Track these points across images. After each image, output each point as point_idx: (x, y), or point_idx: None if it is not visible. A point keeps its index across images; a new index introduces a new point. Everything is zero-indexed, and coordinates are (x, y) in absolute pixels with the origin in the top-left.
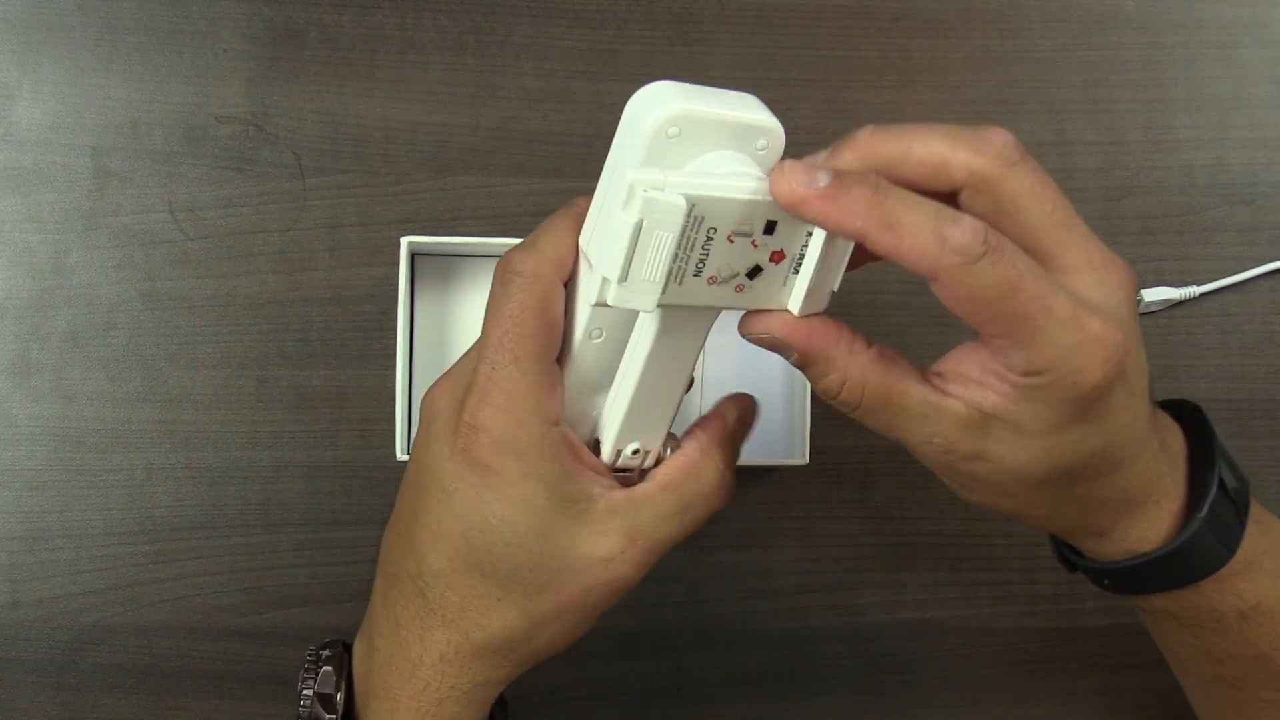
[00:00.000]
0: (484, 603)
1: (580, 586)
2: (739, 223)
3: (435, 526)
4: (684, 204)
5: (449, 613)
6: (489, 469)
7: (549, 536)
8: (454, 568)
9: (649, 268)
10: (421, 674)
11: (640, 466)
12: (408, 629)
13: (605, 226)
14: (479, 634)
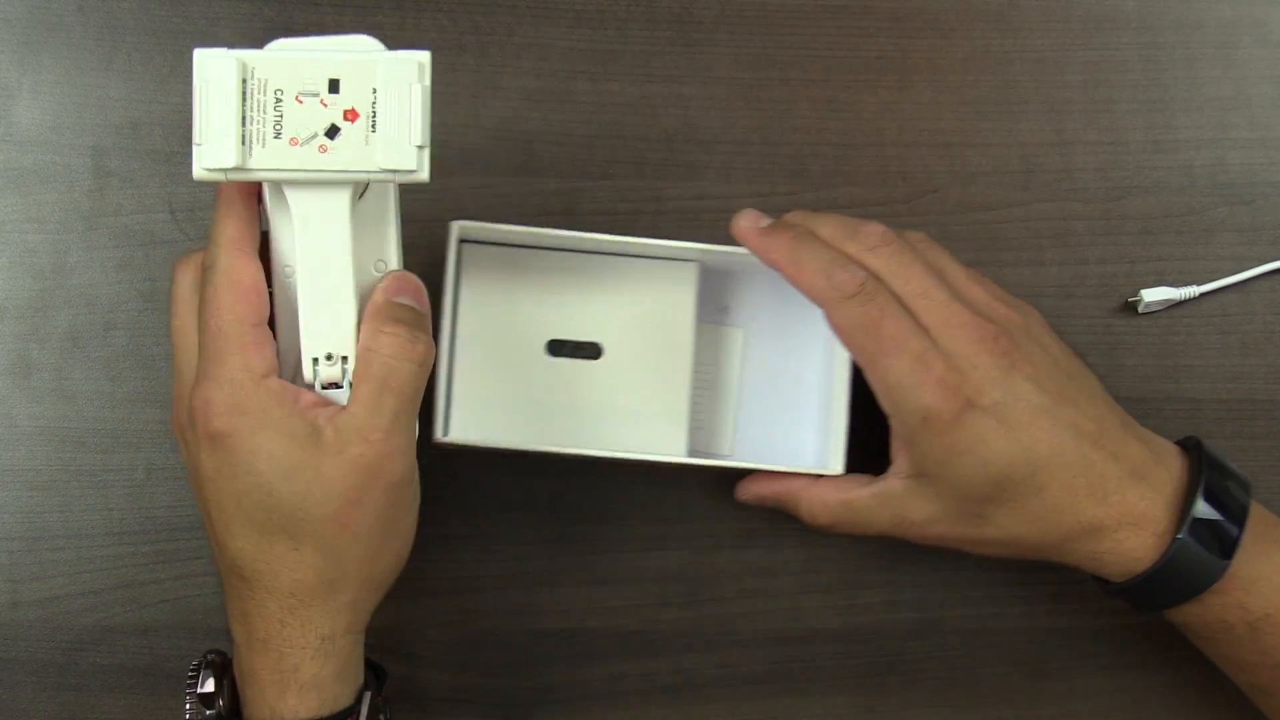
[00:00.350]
0: (288, 557)
1: (351, 502)
2: (302, 82)
3: (219, 514)
4: (232, 59)
5: (267, 580)
6: (226, 434)
7: (299, 471)
8: (249, 540)
9: (219, 123)
10: (272, 647)
11: (346, 378)
12: (250, 614)
13: None
14: (300, 588)
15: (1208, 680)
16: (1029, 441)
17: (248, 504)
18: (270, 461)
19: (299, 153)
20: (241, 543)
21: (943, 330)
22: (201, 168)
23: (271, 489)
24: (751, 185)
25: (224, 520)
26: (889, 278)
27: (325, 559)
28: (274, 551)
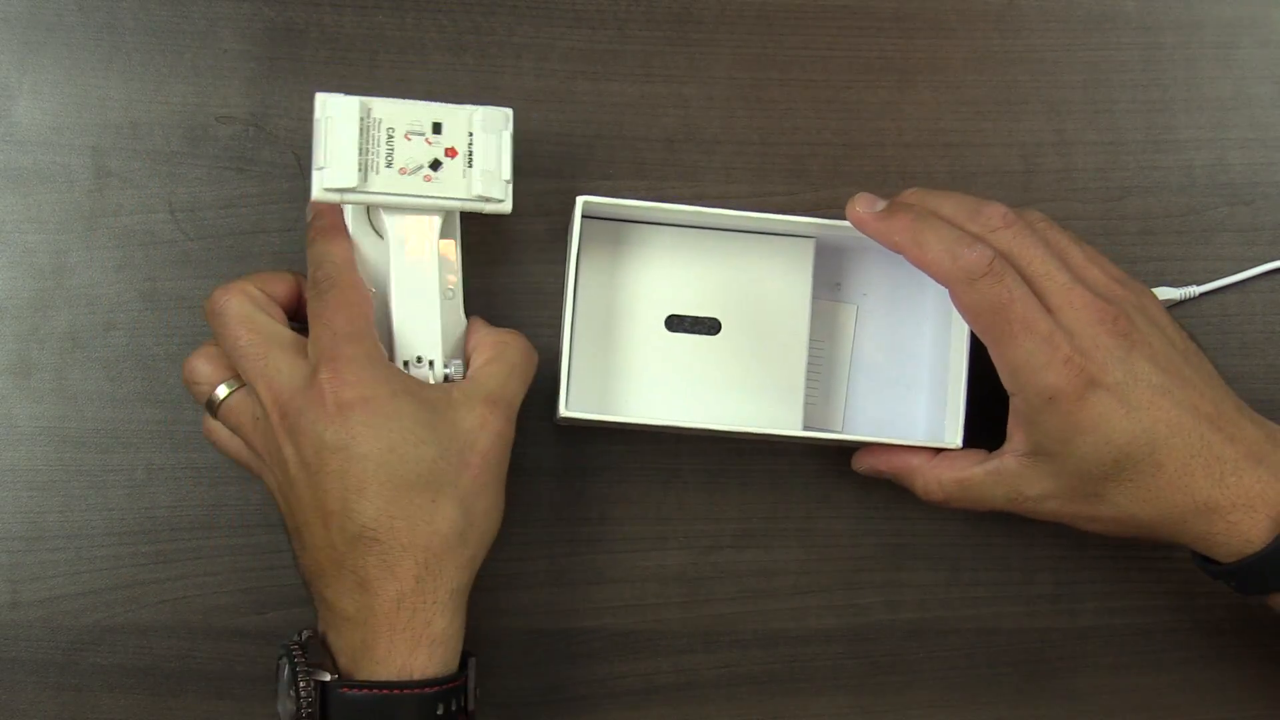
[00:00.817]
0: (425, 511)
1: (479, 454)
2: (411, 123)
3: (350, 482)
4: (356, 100)
5: (403, 539)
6: (366, 400)
7: (437, 427)
8: (386, 499)
9: (341, 151)
10: (406, 604)
11: (433, 379)
12: (377, 578)
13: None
14: (436, 540)
15: (1208, 680)
16: (1149, 421)
17: (390, 460)
18: (411, 419)
19: (407, 180)
20: (379, 503)
21: (1066, 311)
22: (322, 188)
23: (415, 440)
24: (751, 185)
25: (356, 486)
26: (1012, 259)
27: (459, 510)
28: (413, 505)
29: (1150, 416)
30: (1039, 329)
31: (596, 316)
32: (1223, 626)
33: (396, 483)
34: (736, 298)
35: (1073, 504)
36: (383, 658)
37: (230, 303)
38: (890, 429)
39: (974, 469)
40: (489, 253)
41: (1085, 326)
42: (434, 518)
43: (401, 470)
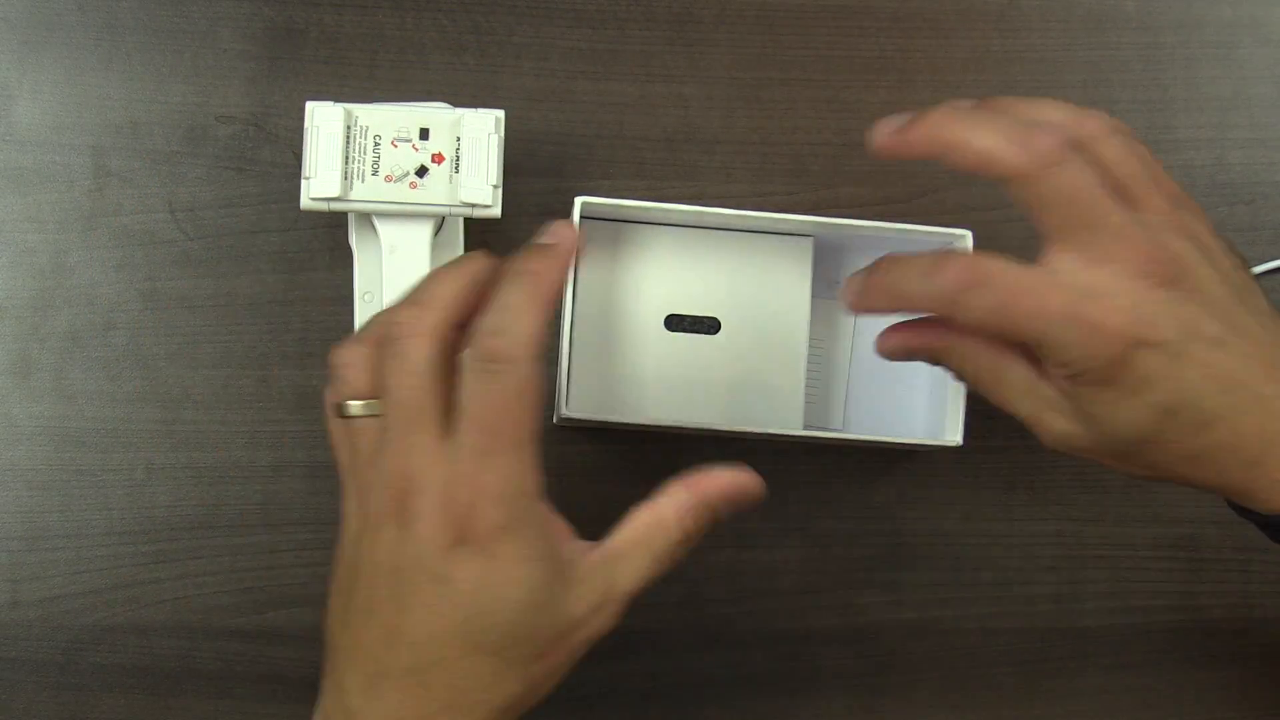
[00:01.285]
0: (487, 679)
1: (568, 647)
2: (397, 129)
3: (431, 618)
4: (340, 109)
5: (452, 695)
6: (492, 555)
7: (544, 608)
8: (456, 654)
9: (326, 160)
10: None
11: None
12: (400, 712)
13: None
14: (483, 709)
15: (1208, 680)
16: (1199, 379)
17: (479, 623)
18: (528, 588)
19: (393, 188)
20: (445, 653)
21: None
22: (309, 197)
23: (514, 618)
24: (751, 185)
25: (434, 626)
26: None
27: (521, 687)
28: (476, 670)
29: (1201, 374)
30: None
31: (596, 317)
32: (1223, 626)
33: (471, 643)
34: (736, 297)
35: (1105, 458)
36: None
37: (419, 348)
38: (890, 428)
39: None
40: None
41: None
42: (491, 688)
43: (481, 637)
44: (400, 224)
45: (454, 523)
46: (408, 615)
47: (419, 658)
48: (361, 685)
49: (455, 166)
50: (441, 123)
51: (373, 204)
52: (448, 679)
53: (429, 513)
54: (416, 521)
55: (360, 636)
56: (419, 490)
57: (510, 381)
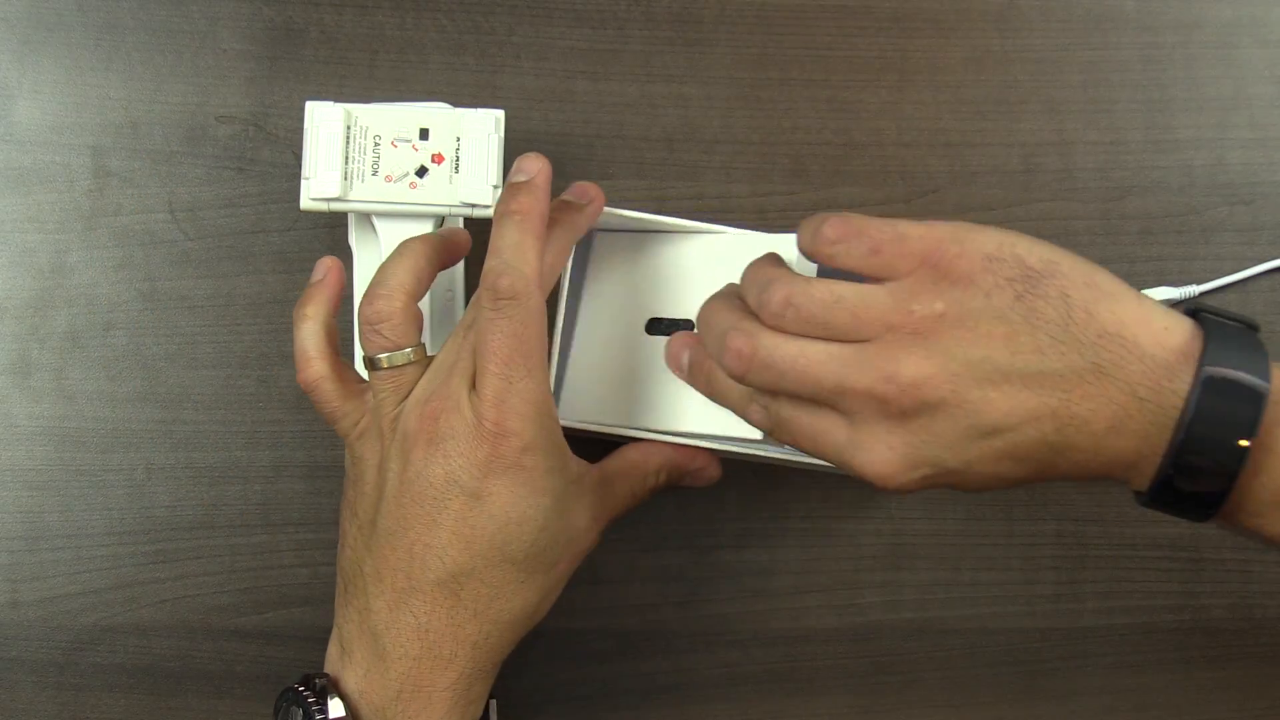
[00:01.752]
0: (511, 587)
1: (571, 557)
2: (397, 130)
3: (465, 530)
4: (340, 109)
5: (480, 604)
6: (522, 468)
7: (563, 517)
8: (486, 563)
9: (326, 161)
10: (457, 664)
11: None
12: (436, 630)
13: None
14: (505, 615)
15: (1208, 680)
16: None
17: (512, 532)
18: (550, 497)
19: (392, 188)
20: (477, 563)
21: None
22: (309, 198)
23: (542, 525)
24: (751, 185)
25: (467, 538)
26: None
27: (538, 595)
28: (503, 579)
29: (997, 414)
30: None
31: (585, 325)
32: (1223, 626)
33: (503, 554)
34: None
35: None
36: (418, 712)
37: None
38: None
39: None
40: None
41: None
42: (514, 596)
43: (515, 544)
44: (400, 224)
45: (485, 440)
46: (440, 530)
47: (450, 569)
48: (389, 603)
49: (455, 166)
50: (441, 123)
51: (373, 204)
52: (476, 588)
53: (461, 433)
54: (447, 440)
55: (387, 558)
56: (449, 412)
57: (520, 314)
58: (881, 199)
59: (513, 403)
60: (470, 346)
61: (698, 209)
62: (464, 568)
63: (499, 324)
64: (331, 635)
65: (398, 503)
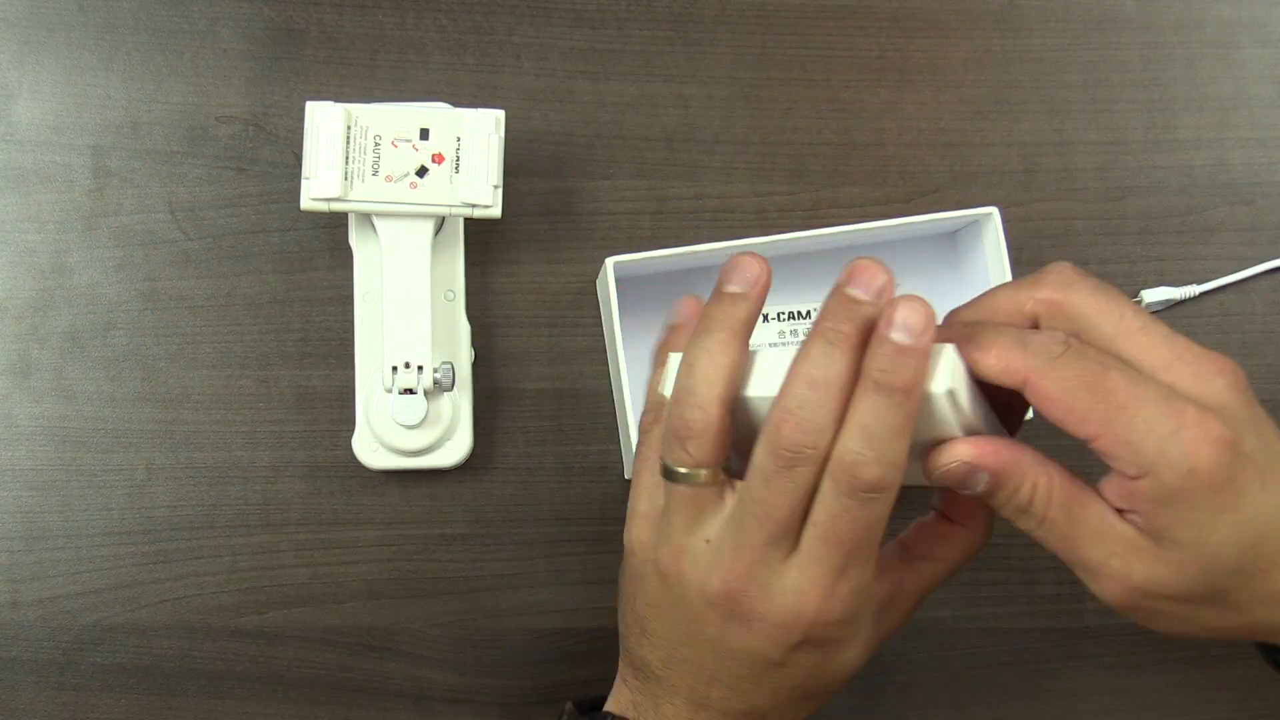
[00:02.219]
0: (803, 713)
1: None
2: (397, 130)
3: (765, 685)
4: (340, 109)
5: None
6: (835, 640)
7: (873, 646)
8: (789, 702)
9: (326, 161)
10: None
11: (421, 385)
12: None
13: None
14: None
15: (1208, 680)
16: (1277, 504)
17: (812, 688)
18: (854, 667)
19: (393, 188)
20: (777, 702)
21: (1180, 368)
22: (309, 198)
23: (847, 677)
24: (751, 185)
25: (767, 690)
26: (1098, 314)
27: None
28: (801, 709)
29: (1277, 500)
30: (1150, 394)
31: (641, 371)
32: None
33: (807, 693)
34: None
35: (1183, 605)
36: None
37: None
38: None
39: (1095, 500)
40: (489, 253)
41: (1206, 383)
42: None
43: (819, 687)
44: (400, 224)
45: (800, 631)
46: (744, 687)
47: (750, 707)
48: (686, 712)
49: (455, 166)
50: (442, 123)
51: (373, 204)
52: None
53: (769, 617)
54: (751, 621)
55: (684, 678)
56: (755, 597)
57: (881, 510)
58: (882, 199)
59: (841, 593)
60: (791, 512)
61: (698, 209)
62: (768, 707)
63: (859, 515)
64: (620, 680)
65: (691, 645)
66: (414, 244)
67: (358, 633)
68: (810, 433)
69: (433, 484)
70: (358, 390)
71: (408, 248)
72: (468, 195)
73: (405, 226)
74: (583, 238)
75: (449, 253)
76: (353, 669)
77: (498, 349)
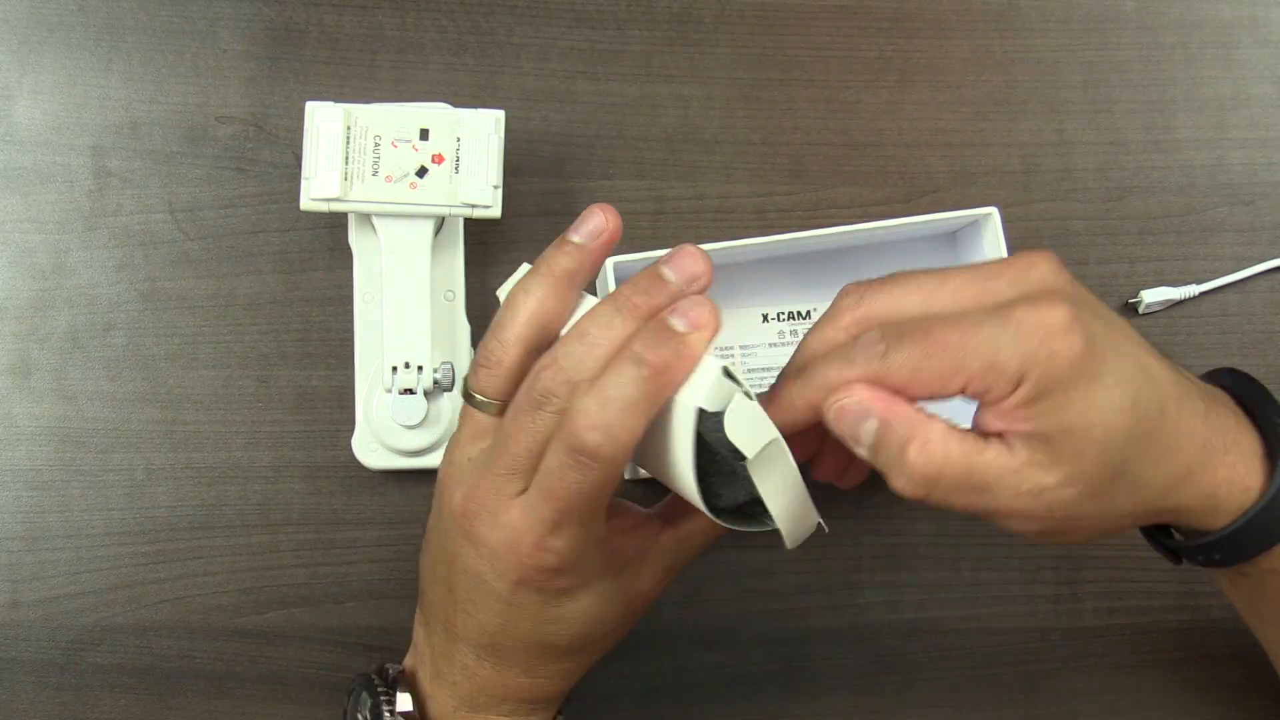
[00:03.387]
0: (556, 662)
1: (632, 614)
2: (397, 130)
3: (499, 620)
4: (340, 109)
5: (525, 666)
6: (555, 588)
7: (612, 599)
8: (526, 647)
9: (326, 161)
10: (509, 701)
11: (421, 385)
12: (483, 677)
13: None
14: (557, 673)
15: (1208, 680)
16: (1138, 362)
17: (546, 632)
18: (586, 603)
19: (392, 188)
20: (515, 644)
21: (993, 288)
22: (309, 198)
23: (580, 625)
24: (751, 185)
25: (501, 626)
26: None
27: (587, 663)
28: (547, 657)
29: (1135, 358)
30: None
31: None
32: (1223, 626)
33: (545, 644)
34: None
35: (1094, 500)
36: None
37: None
38: None
39: (986, 453)
40: (489, 253)
41: (1023, 278)
42: (560, 673)
43: (555, 639)
44: (400, 224)
45: (515, 568)
46: (478, 609)
47: (489, 640)
48: (442, 639)
49: (455, 167)
50: (441, 123)
51: (373, 204)
52: (520, 658)
53: (492, 544)
54: (479, 545)
55: (438, 602)
56: (485, 522)
57: (596, 477)
58: (881, 199)
59: (555, 545)
60: (526, 452)
61: (697, 209)
62: (503, 644)
63: (571, 478)
64: (415, 622)
65: (445, 561)
66: (414, 244)
67: (358, 633)
68: (562, 384)
69: (432, 484)
70: (357, 390)
71: (407, 248)
72: (467, 195)
73: (405, 227)
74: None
75: (449, 253)
76: (353, 669)
77: None
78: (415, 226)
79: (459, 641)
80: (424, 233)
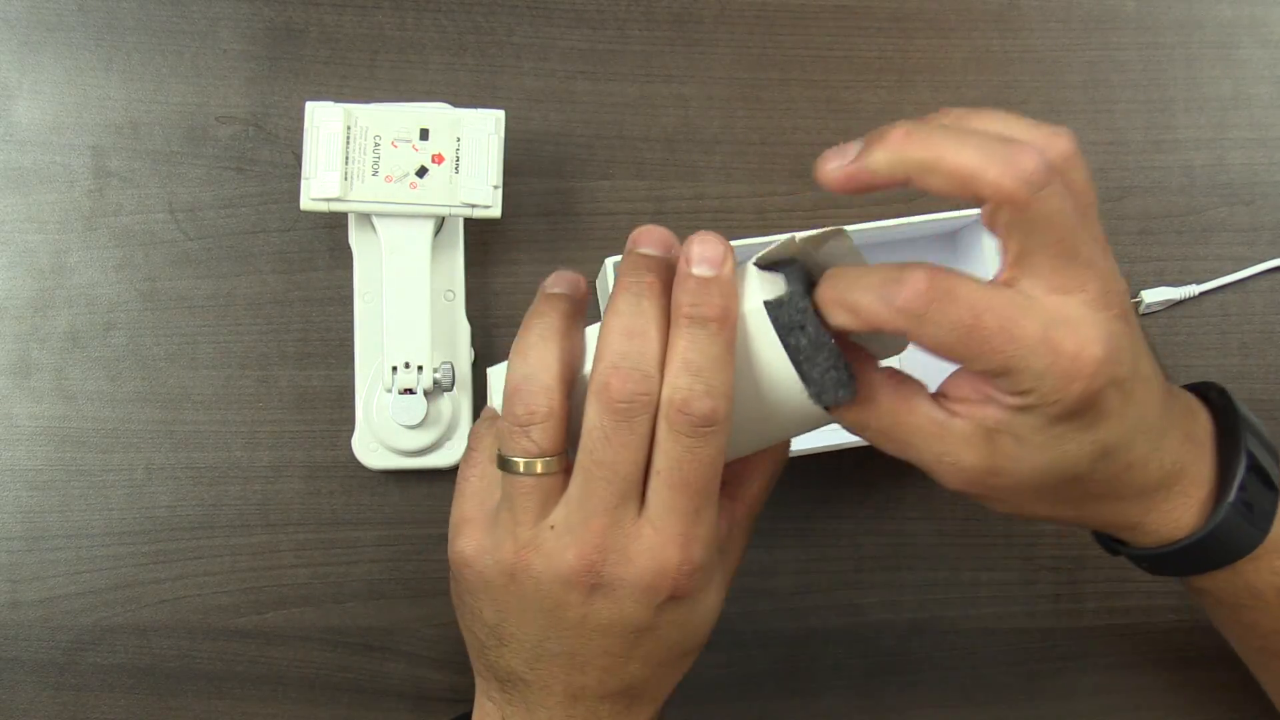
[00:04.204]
0: (677, 675)
1: (704, 640)
2: (397, 130)
3: (639, 653)
4: (340, 109)
5: (653, 691)
6: (699, 590)
7: (726, 584)
8: (664, 665)
9: (326, 161)
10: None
11: (421, 385)
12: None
13: None
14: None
15: (1207, 680)
16: (1136, 417)
17: (686, 641)
18: (715, 599)
19: (392, 188)
20: (655, 671)
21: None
22: (309, 198)
23: (712, 623)
24: (751, 185)
25: (641, 658)
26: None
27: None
28: (680, 666)
29: (1139, 413)
30: (1028, 326)
31: None
32: None
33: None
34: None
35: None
36: None
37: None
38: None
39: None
40: (489, 253)
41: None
42: (661, 686)
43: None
44: (400, 224)
45: (668, 586)
46: (612, 657)
47: (629, 682)
48: (563, 705)
49: (455, 167)
50: (441, 123)
51: (373, 204)
52: (653, 685)
53: (632, 581)
54: (615, 589)
55: (556, 675)
56: (613, 564)
57: (719, 443)
58: (882, 199)
59: (699, 536)
60: (635, 466)
61: (697, 209)
62: (643, 678)
63: (701, 452)
64: (482, 700)
65: (556, 636)
66: (414, 244)
67: (358, 633)
68: (638, 380)
69: (433, 484)
70: (357, 390)
71: (407, 248)
72: (467, 195)
73: (405, 226)
74: (582, 238)
75: (449, 253)
76: (353, 669)
77: (498, 349)
78: (415, 226)
79: (587, 699)
80: (424, 233)
